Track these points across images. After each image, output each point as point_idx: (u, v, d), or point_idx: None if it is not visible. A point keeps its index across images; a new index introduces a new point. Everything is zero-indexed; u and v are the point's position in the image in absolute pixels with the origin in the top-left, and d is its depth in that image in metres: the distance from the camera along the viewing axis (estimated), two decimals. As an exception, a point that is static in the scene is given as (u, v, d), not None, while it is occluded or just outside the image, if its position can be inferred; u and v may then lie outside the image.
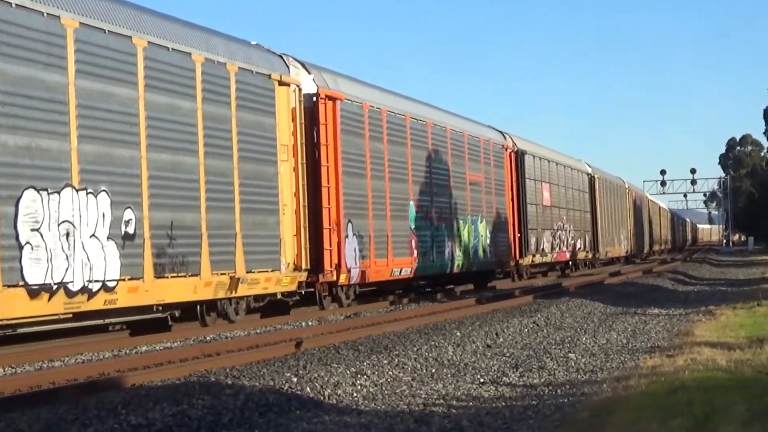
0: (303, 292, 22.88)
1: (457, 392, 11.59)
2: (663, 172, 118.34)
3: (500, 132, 39.40)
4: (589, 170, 54.67)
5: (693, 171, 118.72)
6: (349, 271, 24.26)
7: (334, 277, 23.77)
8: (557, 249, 45.35)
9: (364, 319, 21.94)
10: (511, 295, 29.44)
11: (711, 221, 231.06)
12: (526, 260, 40.37)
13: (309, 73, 23.72)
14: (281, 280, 21.52)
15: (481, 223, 34.55)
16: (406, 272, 28.01)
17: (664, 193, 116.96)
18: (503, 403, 10.72)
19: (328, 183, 23.67)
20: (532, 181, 41.42)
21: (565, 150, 65.13)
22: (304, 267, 22.21)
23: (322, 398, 11.07)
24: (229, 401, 10.57)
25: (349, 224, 24.48)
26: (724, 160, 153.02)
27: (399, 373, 13.03)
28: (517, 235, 39.20)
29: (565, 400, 10.81)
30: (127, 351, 16.86)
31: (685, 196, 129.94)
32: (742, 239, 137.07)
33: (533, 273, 44.18)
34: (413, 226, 28.64)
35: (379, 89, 28.53)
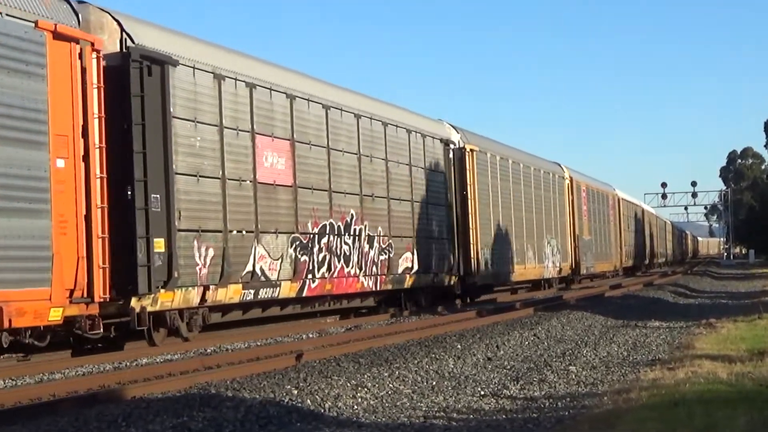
0: None
1: (458, 405, 11.58)
2: (664, 185, 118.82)
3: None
4: (454, 137, 32.05)
5: (694, 184, 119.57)
6: None
7: None
8: (319, 271, 22.73)
9: (364, 332, 21.94)
10: (512, 307, 29.49)
11: (712, 234, 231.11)
12: (164, 299, 17.51)
13: None
14: None
15: None
16: None
17: (665, 205, 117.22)
18: (504, 416, 10.71)
19: None
20: (210, 130, 19.29)
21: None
22: None
23: (322, 410, 11.07)
24: (229, 413, 10.56)
25: None
26: (725, 173, 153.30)
27: (399, 385, 13.03)
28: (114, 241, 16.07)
29: (566, 413, 10.80)
30: (128, 363, 16.86)
31: (686, 208, 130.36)
32: (743, 252, 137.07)
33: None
34: None
35: None
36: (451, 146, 31.50)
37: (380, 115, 27.01)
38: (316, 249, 22.77)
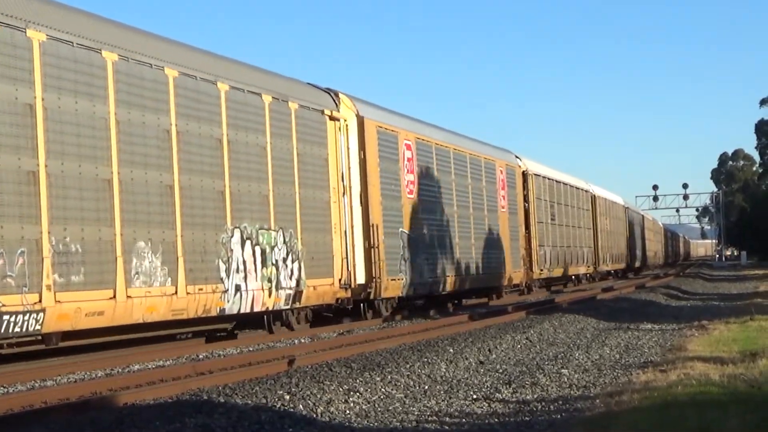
0: None
1: (450, 409, 11.57)
2: (655, 187, 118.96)
3: None
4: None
5: (685, 186, 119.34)
6: None
7: None
8: None
9: (356, 336, 21.94)
10: (504, 311, 29.49)
11: (704, 236, 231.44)
12: None
13: None
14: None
15: None
16: None
17: (656, 208, 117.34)
18: (496, 420, 10.71)
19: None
20: None
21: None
22: None
23: (314, 416, 11.05)
24: (221, 419, 10.54)
25: None
26: (716, 175, 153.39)
27: (392, 390, 13.02)
28: None
29: (558, 416, 10.80)
30: (120, 370, 16.84)
31: (677, 210, 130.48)
32: (735, 254, 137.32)
33: None
34: None
35: None
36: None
37: None
38: None
